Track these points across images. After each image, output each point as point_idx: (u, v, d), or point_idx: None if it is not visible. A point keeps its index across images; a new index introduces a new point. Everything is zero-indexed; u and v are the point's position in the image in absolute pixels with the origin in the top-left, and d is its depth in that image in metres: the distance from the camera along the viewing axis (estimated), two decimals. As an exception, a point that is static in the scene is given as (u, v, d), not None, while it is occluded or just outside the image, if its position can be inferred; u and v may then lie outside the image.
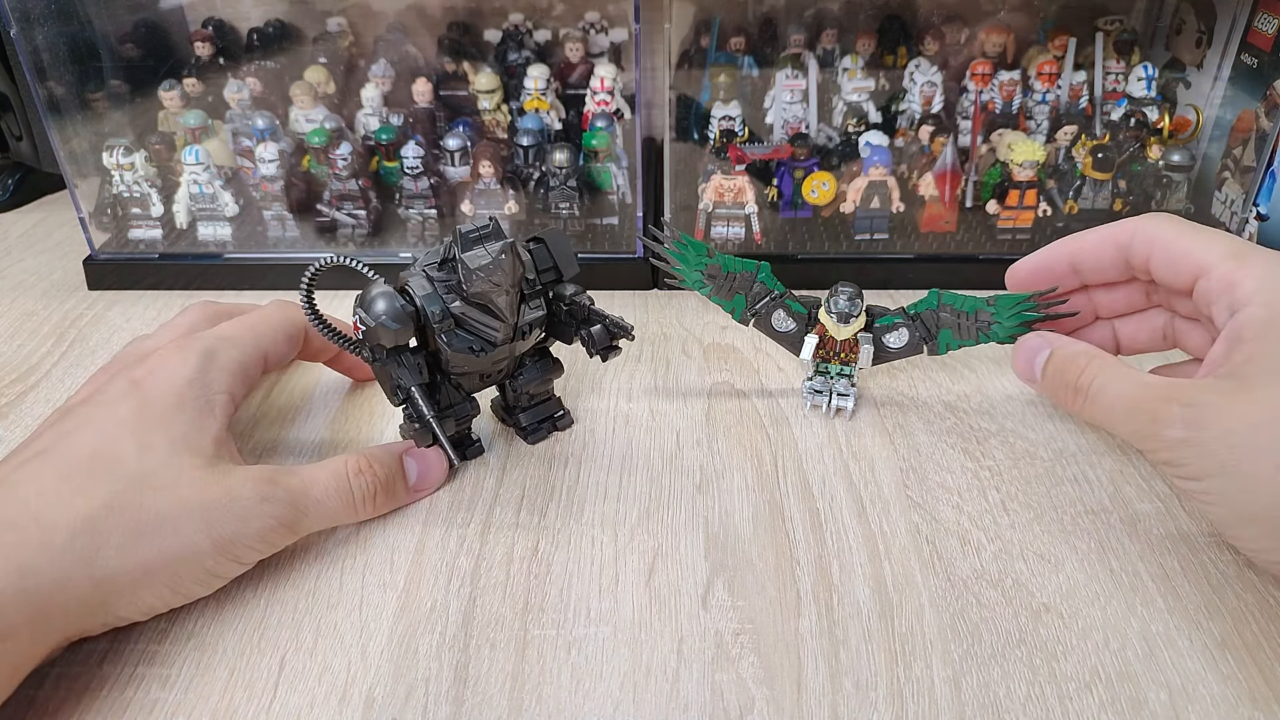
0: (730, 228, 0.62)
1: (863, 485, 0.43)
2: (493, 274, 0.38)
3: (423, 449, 0.42)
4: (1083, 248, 0.43)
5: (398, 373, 0.40)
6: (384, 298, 0.39)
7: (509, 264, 0.38)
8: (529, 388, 0.45)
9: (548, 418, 0.47)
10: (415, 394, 0.40)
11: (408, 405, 0.41)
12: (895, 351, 0.47)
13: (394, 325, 0.38)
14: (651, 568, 0.39)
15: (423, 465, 0.42)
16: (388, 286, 0.39)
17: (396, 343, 0.40)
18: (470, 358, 0.40)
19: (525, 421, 0.46)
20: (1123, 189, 0.62)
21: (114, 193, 0.63)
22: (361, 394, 0.50)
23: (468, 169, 0.63)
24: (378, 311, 0.38)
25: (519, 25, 0.69)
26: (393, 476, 0.41)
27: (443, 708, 0.33)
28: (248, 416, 0.49)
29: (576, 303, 0.42)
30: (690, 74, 0.66)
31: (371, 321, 0.39)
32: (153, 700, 0.33)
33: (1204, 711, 0.32)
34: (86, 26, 0.63)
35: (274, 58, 0.68)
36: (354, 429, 0.48)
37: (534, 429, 0.46)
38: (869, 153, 0.61)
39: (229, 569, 0.36)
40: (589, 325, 0.42)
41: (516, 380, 0.44)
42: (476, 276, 0.38)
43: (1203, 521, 0.41)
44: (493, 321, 0.40)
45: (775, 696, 0.33)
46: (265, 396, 0.50)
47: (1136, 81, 0.63)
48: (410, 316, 0.39)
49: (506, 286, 0.39)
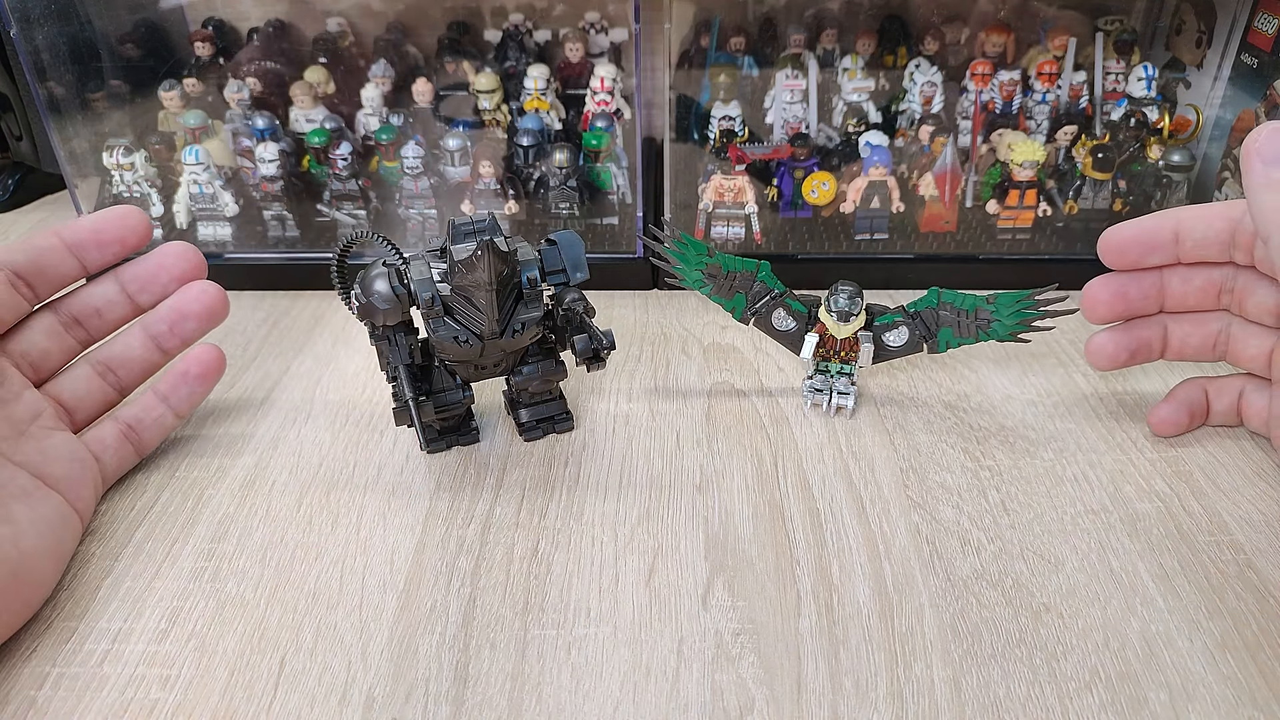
0: (730, 228, 0.62)
1: (863, 485, 0.43)
2: (472, 268, 0.38)
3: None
4: (1193, 216, 0.42)
5: (389, 350, 0.42)
6: (380, 278, 0.40)
7: (485, 261, 0.38)
8: (529, 386, 0.45)
9: (548, 418, 0.47)
10: (401, 373, 0.41)
11: (396, 383, 0.43)
12: (895, 350, 0.47)
13: (382, 305, 0.40)
14: (651, 568, 0.39)
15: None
16: (382, 269, 0.41)
17: (386, 322, 0.41)
18: (455, 347, 0.41)
19: (524, 418, 0.46)
20: (1123, 189, 0.62)
21: (114, 193, 0.63)
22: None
23: (468, 169, 0.63)
24: (370, 290, 0.40)
25: (519, 25, 0.69)
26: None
27: (443, 708, 0.33)
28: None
29: (571, 309, 0.42)
30: (690, 74, 0.66)
31: (364, 299, 0.40)
32: (153, 700, 0.33)
33: (1204, 711, 0.32)
34: (86, 26, 0.63)
35: (274, 58, 0.68)
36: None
37: (531, 427, 0.46)
38: (869, 153, 0.61)
39: None
40: (578, 334, 0.42)
41: (517, 376, 0.45)
42: (457, 269, 0.38)
43: (1203, 521, 0.41)
44: (477, 314, 0.40)
45: (775, 696, 0.33)
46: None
47: (1136, 81, 0.63)
48: (402, 299, 0.40)
49: (484, 283, 0.38)
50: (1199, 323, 0.45)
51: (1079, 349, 0.54)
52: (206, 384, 0.46)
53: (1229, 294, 0.43)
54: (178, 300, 0.44)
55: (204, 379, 0.45)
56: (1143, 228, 0.43)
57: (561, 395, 0.47)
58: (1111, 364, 0.45)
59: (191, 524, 0.41)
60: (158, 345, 0.45)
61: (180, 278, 0.45)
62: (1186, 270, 0.44)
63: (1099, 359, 0.46)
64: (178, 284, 0.45)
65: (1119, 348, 0.45)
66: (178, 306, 0.44)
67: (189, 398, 0.45)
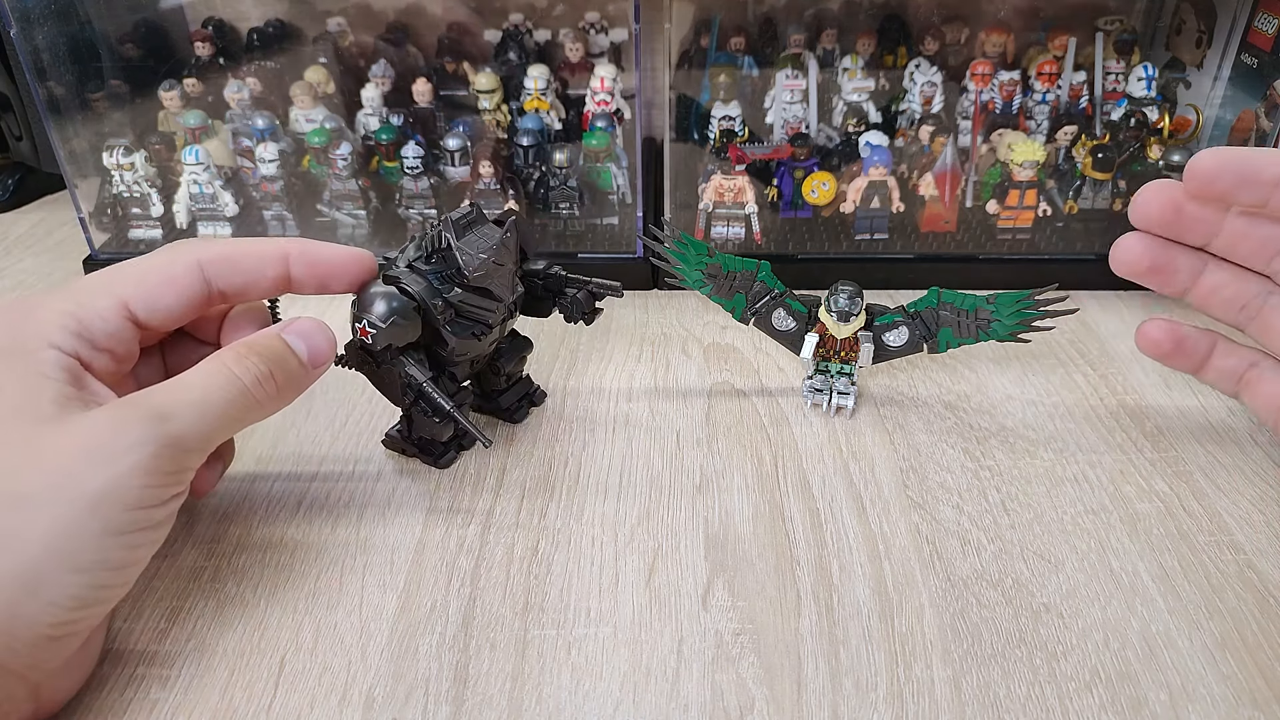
0: (730, 228, 0.62)
1: (863, 485, 0.43)
2: (499, 254, 0.39)
3: (295, 322, 0.38)
4: None
5: (409, 372, 0.40)
6: (385, 298, 0.38)
7: (512, 242, 0.40)
8: (508, 367, 0.46)
9: (524, 395, 0.48)
10: (429, 389, 0.40)
11: (418, 403, 0.41)
12: (895, 350, 0.47)
13: (404, 322, 0.39)
14: (651, 568, 0.39)
15: (307, 339, 0.37)
16: (384, 286, 0.39)
17: (406, 340, 0.39)
18: (473, 342, 0.41)
19: (506, 403, 0.47)
20: (1123, 189, 0.62)
21: (114, 193, 0.63)
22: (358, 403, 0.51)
23: (468, 169, 0.63)
24: (387, 311, 0.38)
25: (519, 25, 0.69)
26: (281, 355, 0.36)
27: (443, 708, 0.33)
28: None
29: (552, 275, 0.44)
30: (690, 74, 0.66)
31: (382, 323, 0.38)
32: (153, 700, 0.33)
33: (1204, 711, 0.32)
34: (86, 26, 0.63)
35: (274, 58, 0.68)
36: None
37: (516, 408, 0.48)
38: (869, 153, 0.61)
39: (133, 525, 0.30)
40: (569, 293, 0.44)
41: (496, 362, 0.45)
42: (479, 260, 0.39)
43: (1203, 521, 0.41)
44: (489, 304, 0.41)
45: (775, 696, 0.33)
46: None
47: (1136, 81, 0.63)
48: (416, 311, 0.39)
49: (509, 265, 0.40)
50: (1239, 277, 0.41)
51: (1079, 349, 0.54)
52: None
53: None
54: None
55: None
56: (1248, 158, 0.38)
57: (527, 375, 0.49)
58: (1132, 270, 0.42)
59: (191, 524, 0.41)
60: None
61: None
62: (1254, 217, 0.39)
63: (1124, 259, 0.42)
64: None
65: (1146, 254, 0.41)
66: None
67: None
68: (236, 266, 0.38)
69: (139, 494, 0.30)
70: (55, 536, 0.29)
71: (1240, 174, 0.38)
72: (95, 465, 0.29)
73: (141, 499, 0.30)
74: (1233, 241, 0.40)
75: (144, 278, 0.36)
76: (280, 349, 0.36)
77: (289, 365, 0.36)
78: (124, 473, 0.30)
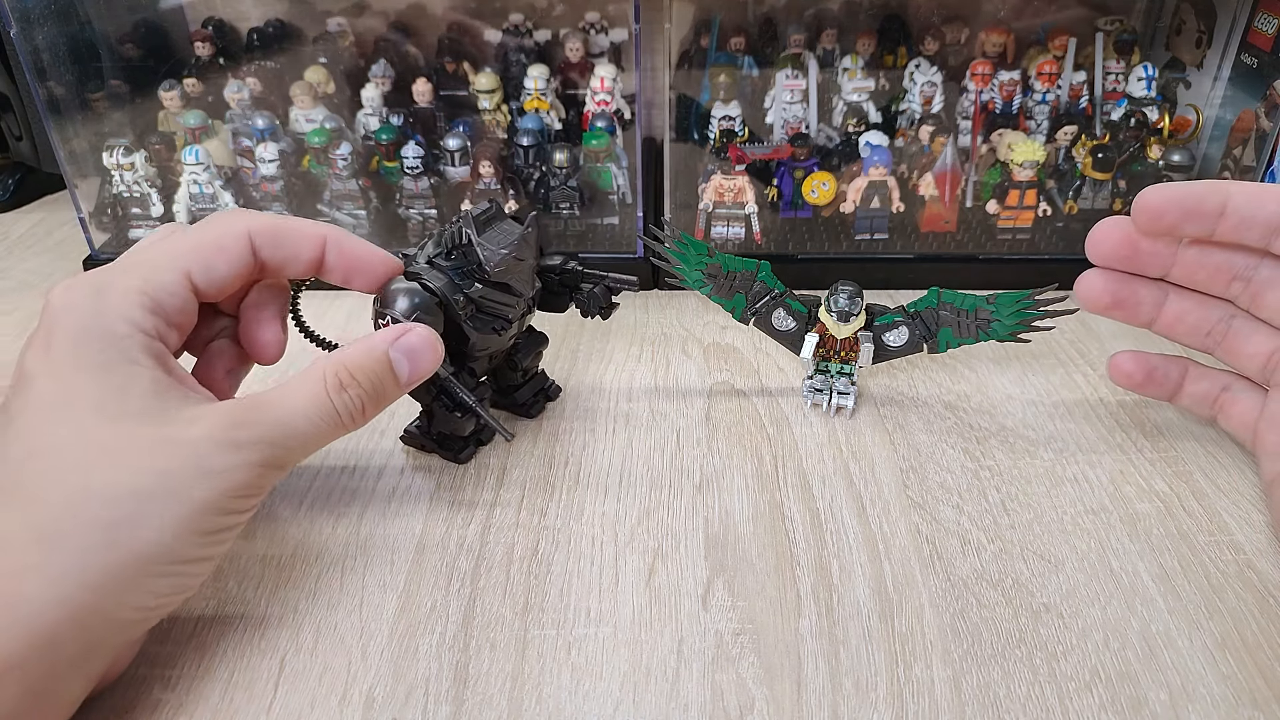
0: (730, 228, 0.62)
1: (863, 485, 0.43)
2: (519, 249, 0.40)
3: (406, 336, 0.37)
4: (1244, 193, 0.39)
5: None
6: (408, 293, 0.39)
7: (533, 238, 0.41)
8: (525, 362, 0.46)
9: (540, 390, 0.49)
10: (453, 383, 0.40)
11: (439, 398, 0.42)
12: (895, 350, 0.47)
13: (427, 317, 0.39)
14: (651, 568, 0.39)
15: (413, 358, 0.37)
16: (407, 282, 0.40)
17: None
18: (493, 337, 0.42)
19: (522, 398, 0.48)
20: (1123, 189, 0.62)
21: (114, 193, 0.63)
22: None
23: (468, 169, 0.63)
24: (410, 307, 0.39)
25: (519, 25, 0.69)
26: (380, 383, 0.36)
27: (443, 708, 0.33)
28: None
29: (569, 270, 0.45)
30: (690, 74, 0.66)
31: (405, 318, 0.38)
32: (154, 701, 0.33)
33: (1204, 711, 0.32)
34: (86, 26, 0.63)
35: (274, 58, 0.68)
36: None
37: (532, 402, 0.48)
38: (869, 153, 0.61)
39: (221, 527, 0.32)
40: (585, 288, 0.45)
41: (514, 357, 0.46)
42: (500, 255, 0.39)
43: (1203, 521, 0.41)
44: (509, 298, 0.41)
45: (775, 696, 0.33)
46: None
47: (1136, 81, 0.63)
48: (438, 307, 0.40)
49: (529, 260, 0.41)
50: (1201, 304, 0.42)
51: (1079, 349, 0.54)
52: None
53: (1243, 283, 0.41)
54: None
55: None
56: (1190, 192, 0.39)
57: (542, 370, 0.49)
58: (1095, 306, 0.43)
59: (191, 524, 0.41)
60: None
61: None
62: (1204, 246, 0.41)
63: (1086, 296, 0.43)
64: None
65: (1106, 290, 0.42)
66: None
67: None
68: (281, 240, 0.38)
69: (235, 503, 0.32)
70: (165, 535, 0.30)
71: (1184, 208, 0.39)
72: (207, 476, 0.31)
73: (235, 506, 0.32)
74: (1189, 270, 0.42)
75: (199, 247, 0.36)
76: (382, 374, 0.36)
77: (384, 391, 0.36)
78: (230, 486, 0.32)
